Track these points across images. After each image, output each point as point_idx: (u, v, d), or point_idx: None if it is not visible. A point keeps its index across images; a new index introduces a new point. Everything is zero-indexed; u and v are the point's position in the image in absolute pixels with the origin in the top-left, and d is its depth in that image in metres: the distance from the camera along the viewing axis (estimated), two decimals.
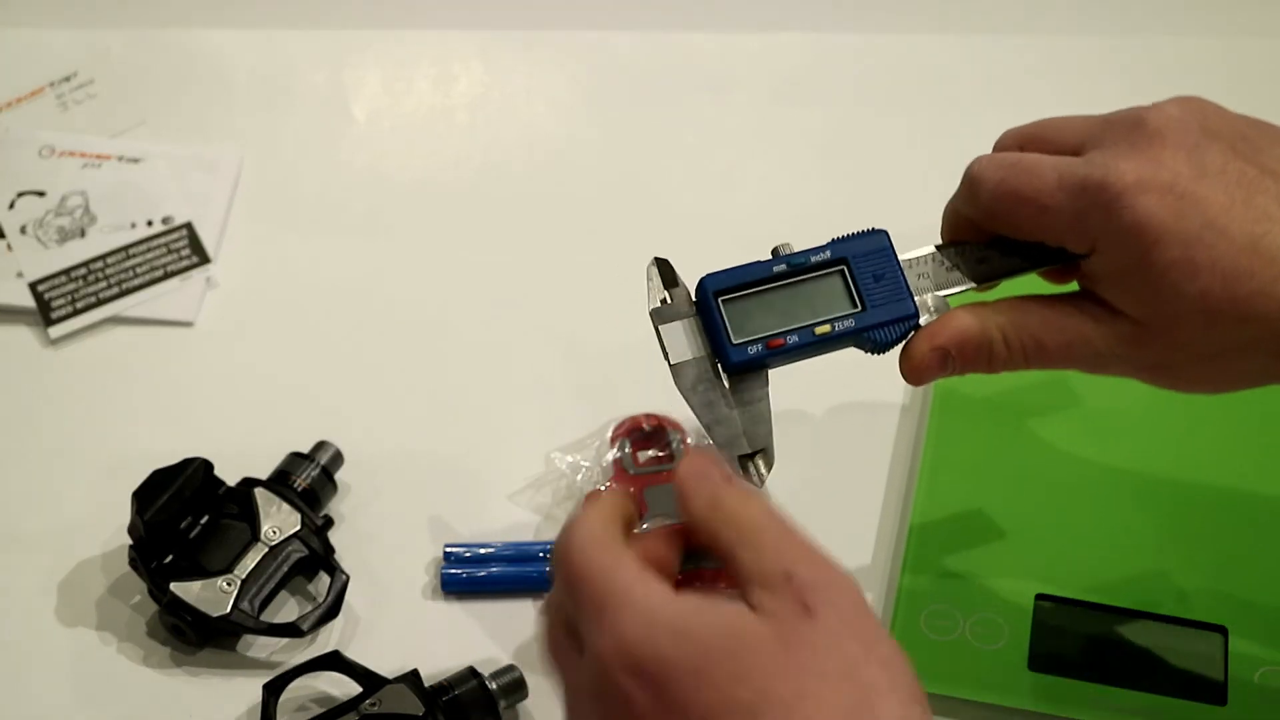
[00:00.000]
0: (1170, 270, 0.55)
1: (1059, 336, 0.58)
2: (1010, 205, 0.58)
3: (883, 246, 0.59)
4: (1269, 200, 0.55)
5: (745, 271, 0.59)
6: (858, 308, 0.59)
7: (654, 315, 0.59)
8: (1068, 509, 0.74)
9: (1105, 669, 0.68)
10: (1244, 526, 0.73)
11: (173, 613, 0.70)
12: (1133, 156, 0.55)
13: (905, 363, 0.60)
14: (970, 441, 0.76)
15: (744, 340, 0.58)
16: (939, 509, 0.74)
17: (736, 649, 0.48)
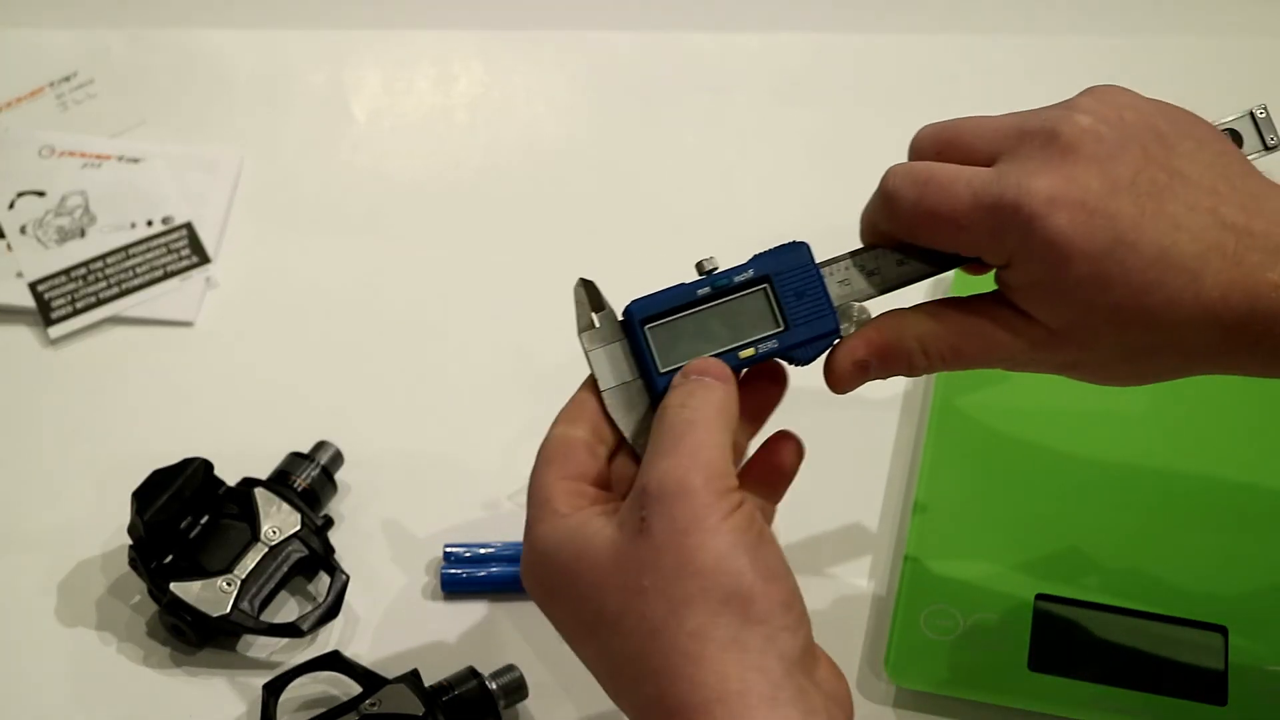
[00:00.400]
0: (1082, 285, 0.55)
1: (976, 343, 0.59)
2: (928, 224, 0.59)
3: (804, 262, 0.60)
4: (1179, 207, 0.55)
5: (670, 296, 0.59)
6: (780, 326, 0.59)
7: (583, 340, 0.60)
8: (1068, 509, 0.74)
9: (1105, 669, 0.68)
10: (1245, 526, 0.73)
11: (173, 613, 0.70)
12: (1045, 173, 0.56)
13: (828, 375, 0.61)
14: (970, 441, 0.76)
15: (671, 368, 0.59)
16: (939, 509, 0.74)
17: (581, 570, 0.54)
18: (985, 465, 0.76)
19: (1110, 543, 0.73)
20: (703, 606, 0.51)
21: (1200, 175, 0.56)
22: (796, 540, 0.75)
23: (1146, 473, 0.75)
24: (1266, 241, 0.55)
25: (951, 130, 0.60)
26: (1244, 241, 0.55)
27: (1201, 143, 0.57)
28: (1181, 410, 0.77)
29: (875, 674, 0.70)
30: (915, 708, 0.69)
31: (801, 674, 0.52)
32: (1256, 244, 0.55)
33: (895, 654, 0.69)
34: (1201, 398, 0.78)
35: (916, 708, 0.69)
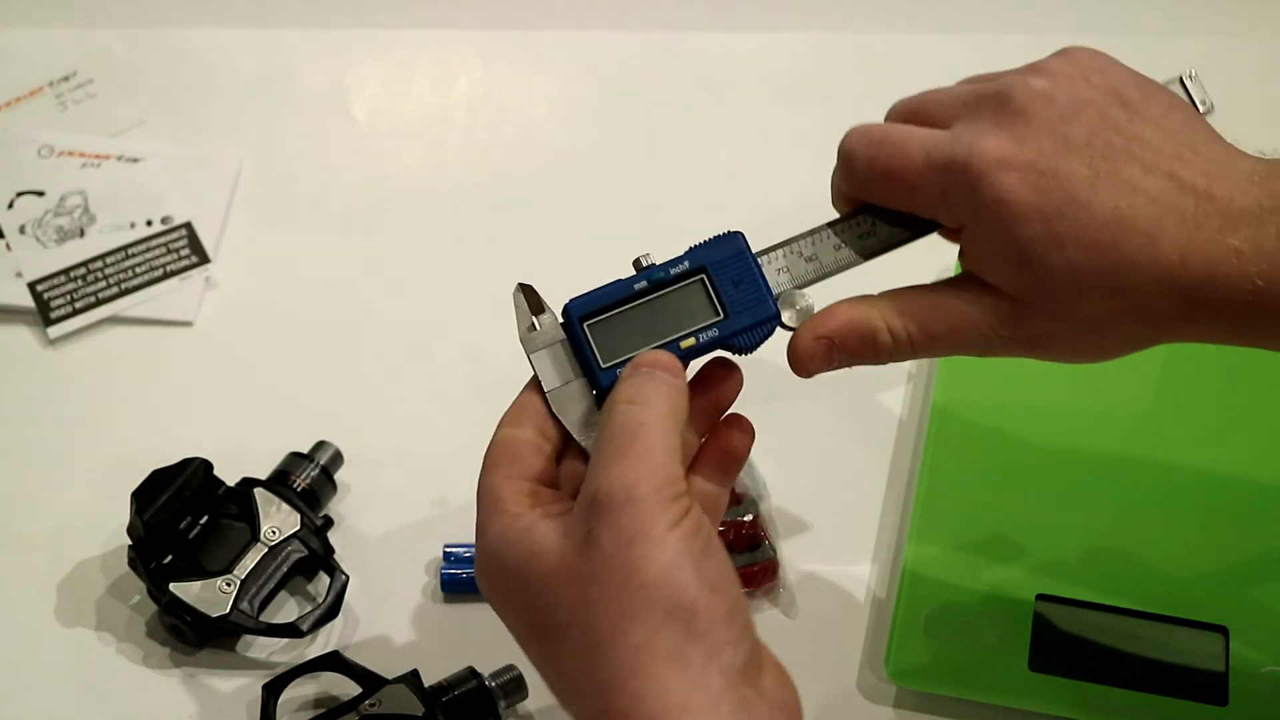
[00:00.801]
0: (1035, 245, 0.55)
1: (944, 322, 0.59)
2: (881, 183, 0.59)
3: (739, 250, 0.60)
4: (1135, 169, 0.55)
5: (608, 293, 0.60)
6: (720, 315, 0.59)
7: (524, 343, 0.60)
8: (1068, 509, 0.74)
9: (1105, 669, 0.68)
10: (1245, 526, 0.73)
11: (172, 613, 0.70)
12: (995, 134, 0.56)
13: (791, 354, 0.60)
14: (970, 441, 0.76)
15: (613, 363, 0.59)
16: (939, 509, 0.74)
17: (530, 577, 0.53)
18: (985, 466, 0.76)
19: (1110, 543, 0.73)
20: (647, 620, 0.51)
21: (1162, 141, 0.56)
22: (797, 540, 0.75)
23: (1147, 473, 0.75)
24: (1228, 206, 0.55)
25: (919, 101, 0.61)
26: (1204, 206, 0.55)
27: (1168, 110, 0.57)
28: (1182, 411, 0.77)
29: (875, 674, 0.70)
30: (915, 708, 0.69)
31: (745, 685, 0.52)
32: (1217, 209, 0.55)
33: (895, 654, 0.69)
34: (1202, 398, 0.78)
35: (916, 708, 0.69)
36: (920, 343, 0.59)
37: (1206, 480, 0.74)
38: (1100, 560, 0.72)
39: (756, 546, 0.73)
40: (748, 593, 0.73)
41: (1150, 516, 0.73)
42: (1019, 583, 0.71)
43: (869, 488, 0.77)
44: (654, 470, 0.53)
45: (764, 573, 0.72)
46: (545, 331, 0.60)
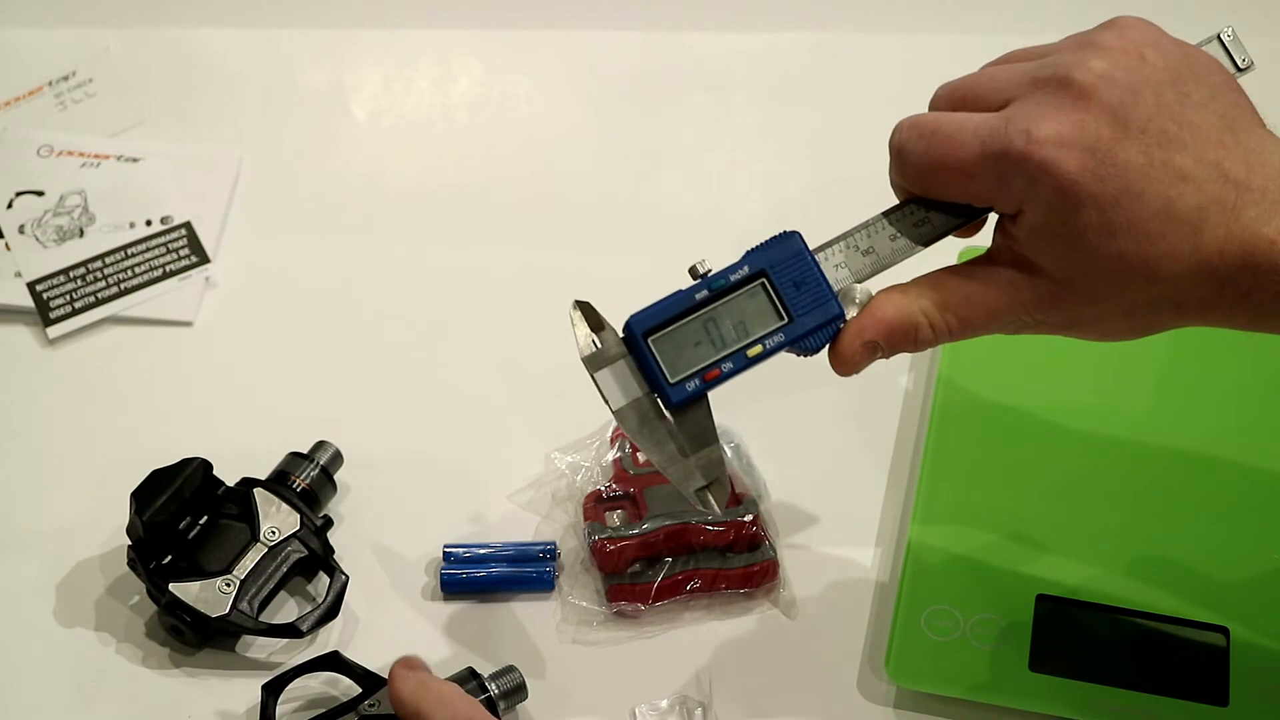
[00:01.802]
0: (1089, 232, 0.56)
1: (982, 309, 0.59)
2: (937, 176, 0.59)
3: (798, 250, 0.60)
4: (1186, 159, 0.56)
5: (669, 305, 0.59)
6: (784, 319, 0.59)
7: (587, 363, 0.59)
8: (1068, 509, 0.74)
9: (1105, 669, 0.68)
10: (1246, 527, 0.73)
11: (172, 613, 0.70)
12: (1055, 118, 0.56)
13: (834, 358, 0.61)
14: (971, 442, 0.76)
15: (681, 378, 0.58)
16: (939, 509, 0.74)
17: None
18: (986, 466, 0.76)
19: (1110, 543, 0.72)
20: None
21: (1210, 127, 0.57)
22: (797, 540, 0.75)
23: (1147, 473, 0.75)
24: (1264, 196, 0.56)
25: (967, 83, 0.61)
26: (1244, 196, 0.56)
27: (1216, 91, 0.58)
28: (1183, 411, 0.77)
29: (875, 674, 0.70)
30: (915, 708, 0.69)
31: None
32: (1254, 198, 0.56)
33: (895, 654, 0.69)
34: (1203, 398, 0.78)
35: (916, 708, 0.69)
36: (959, 330, 0.60)
37: (1207, 481, 0.74)
38: (1100, 560, 0.72)
39: (756, 546, 0.73)
40: (747, 593, 0.73)
41: (1150, 517, 0.73)
42: (1019, 583, 0.71)
43: (869, 488, 0.77)
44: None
45: (764, 573, 0.72)
46: (607, 349, 0.59)
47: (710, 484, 0.60)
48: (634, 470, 0.76)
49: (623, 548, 0.72)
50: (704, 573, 0.72)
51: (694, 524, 0.73)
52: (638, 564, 0.72)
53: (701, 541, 0.73)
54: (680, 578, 0.72)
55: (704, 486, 0.60)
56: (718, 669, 0.70)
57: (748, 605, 0.73)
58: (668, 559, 0.72)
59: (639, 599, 0.71)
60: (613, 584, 0.72)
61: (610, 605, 0.72)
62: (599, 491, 0.75)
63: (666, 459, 0.59)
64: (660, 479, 0.75)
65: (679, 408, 0.59)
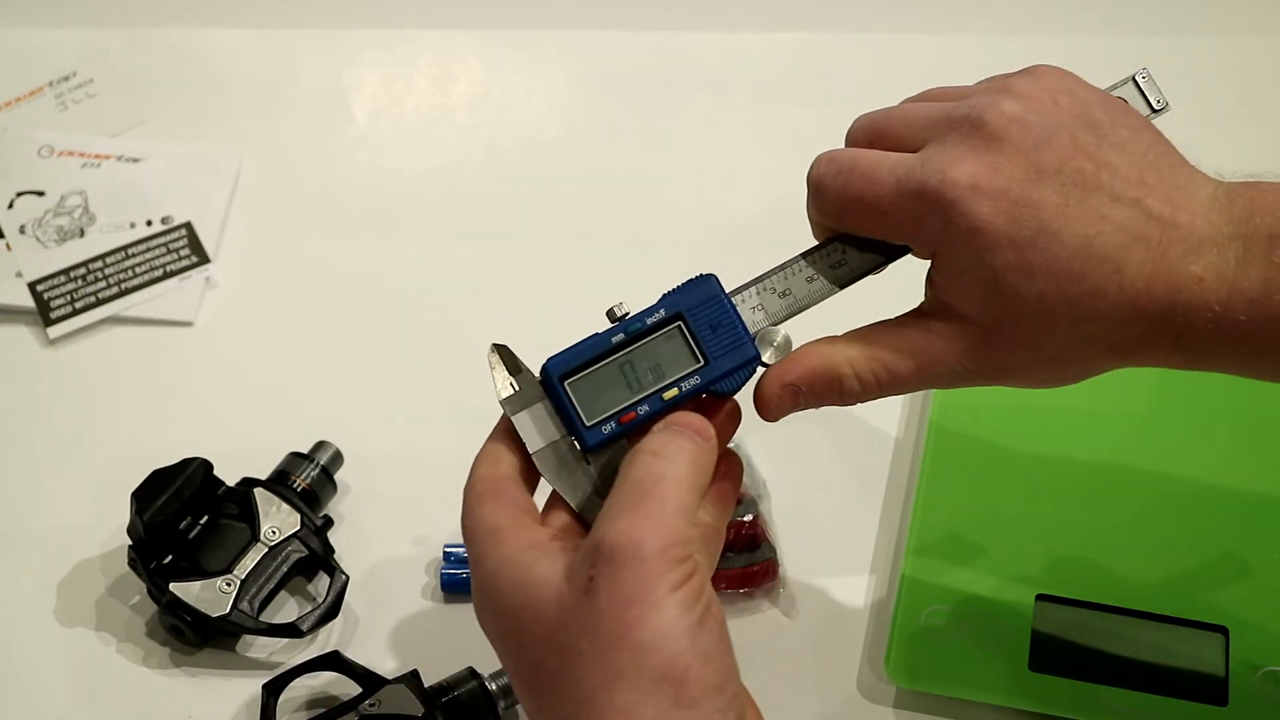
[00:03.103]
0: (1007, 273, 0.55)
1: (911, 361, 0.58)
2: (853, 212, 0.59)
3: (714, 294, 0.59)
4: (1102, 199, 0.55)
5: (585, 349, 0.59)
6: (701, 362, 0.59)
7: (505, 405, 0.59)
8: (1068, 509, 0.74)
9: (1105, 669, 0.68)
10: (1245, 527, 0.73)
11: (172, 613, 0.70)
12: (969, 160, 0.56)
13: (758, 399, 0.60)
14: (970, 442, 0.76)
15: (597, 421, 0.58)
16: (939, 510, 0.74)
17: (527, 620, 0.53)
18: (986, 466, 0.76)
19: (1110, 543, 0.73)
20: (635, 683, 0.50)
21: (1129, 166, 0.56)
22: (797, 540, 0.75)
23: (1147, 473, 0.75)
24: (1190, 233, 0.55)
25: (883, 119, 0.61)
26: (1168, 233, 0.55)
27: (1135, 132, 0.57)
28: (1182, 411, 0.77)
29: (875, 674, 0.70)
30: (915, 708, 0.69)
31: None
32: (1180, 235, 0.55)
33: (895, 654, 0.69)
34: (1202, 399, 0.78)
35: (916, 708, 0.69)
36: (887, 382, 0.59)
37: (1207, 481, 0.74)
38: (1100, 560, 0.72)
39: (756, 546, 0.73)
40: (747, 593, 0.73)
41: (1150, 517, 0.73)
42: (1019, 583, 0.71)
43: (869, 488, 0.77)
44: (664, 529, 0.52)
45: (764, 573, 0.72)
46: (524, 392, 0.59)
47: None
48: None
49: None
50: None
51: None
52: None
53: None
54: None
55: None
56: None
57: (748, 605, 0.73)
58: None
59: None
60: None
61: None
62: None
63: (583, 502, 0.58)
64: None
65: (595, 450, 0.58)
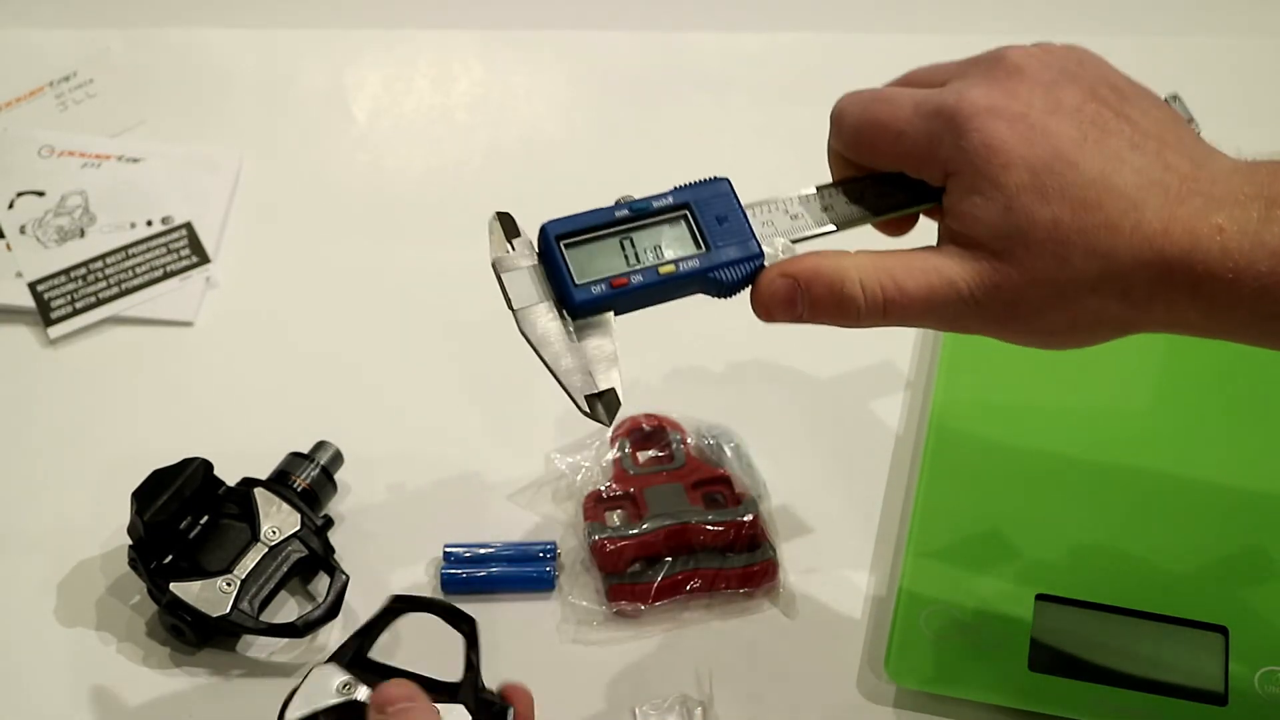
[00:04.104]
0: (1021, 194, 0.55)
1: (920, 279, 0.57)
2: (870, 133, 0.59)
3: (725, 192, 0.59)
4: (1121, 144, 0.55)
5: (588, 217, 0.58)
6: (702, 249, 0.58)
7: (496, 265, 0.58)
8: (1068, 509, 0.74)
9: (1105, 669, 0.68)
10: (1245, 527, 0.73)
11: (172, 613, 0.70)
12: (987, 85, 0.56)
13: (755, 294, 0.59)
14: (970, 442, 0.76)
15: (587, 281, 0.57)
16: (940, 509, 0.74)
17: None
18: (985, 466, 0.76)
19: (1110, 543, 0.73)
20: None
21: (1149, 123, 0.56)
22: (797, 540, 0.75)
23: (1147, 473, 0.75)
24: (1211, 188, 0.55)
25: (908, 74, 0.62)
26: (1188, 185, 0.55)
27: (1152, 106, 0.58)
28: (1182, 411, 0.77)
29: (875, 674, 0.70)
30: (915, 708, 0.69)
31: None
32: (1201, 188, 0.55)
33: (895, 654, 0.69)
34: (1201, 399, 0.78)
35: (916, 708, 0.69)
36: (892, 301, 0.57)
37: (1206, 481, 0.74)
38: (1100, 560, 0.72)
39: (756, 546, 0.73)
40: (747, 593, 0.73)
41: (1150, 517, 0.73)
42: (1019, 583, 0.71)
43: (869, 487, 0.77)
44: None
45: (764, 573, 0.72)
46: (518, 255, 0.58)
47: (603, 394, 0.57)
48: (634, 470, 0.76)
49: (623, 547, 0.72)
50: (704, 572, 0.72)
51: (694, 524, 0.73)
52: (638, 564, 0.73)
53: (701, 541, 0.73)
54: (680, 577, 0.72)
55: (596, 395, 0.57)
56: (718, 669, 0.70)
57: (747, 605, 0.73)
58: (668, 559, 0.73)
59: (639, 599, 0.72)
60: (613, 584, 0.72)
61: (610, 605, 0.72)
62: (599, 491, 0.75)
63: (560, 364, 0.57)
64: (660, 479, 0.75)
65: (581, 311, 0.57)
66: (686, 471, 0.76)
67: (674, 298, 0.59)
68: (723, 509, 0.74)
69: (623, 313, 0.58)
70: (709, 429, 0.78)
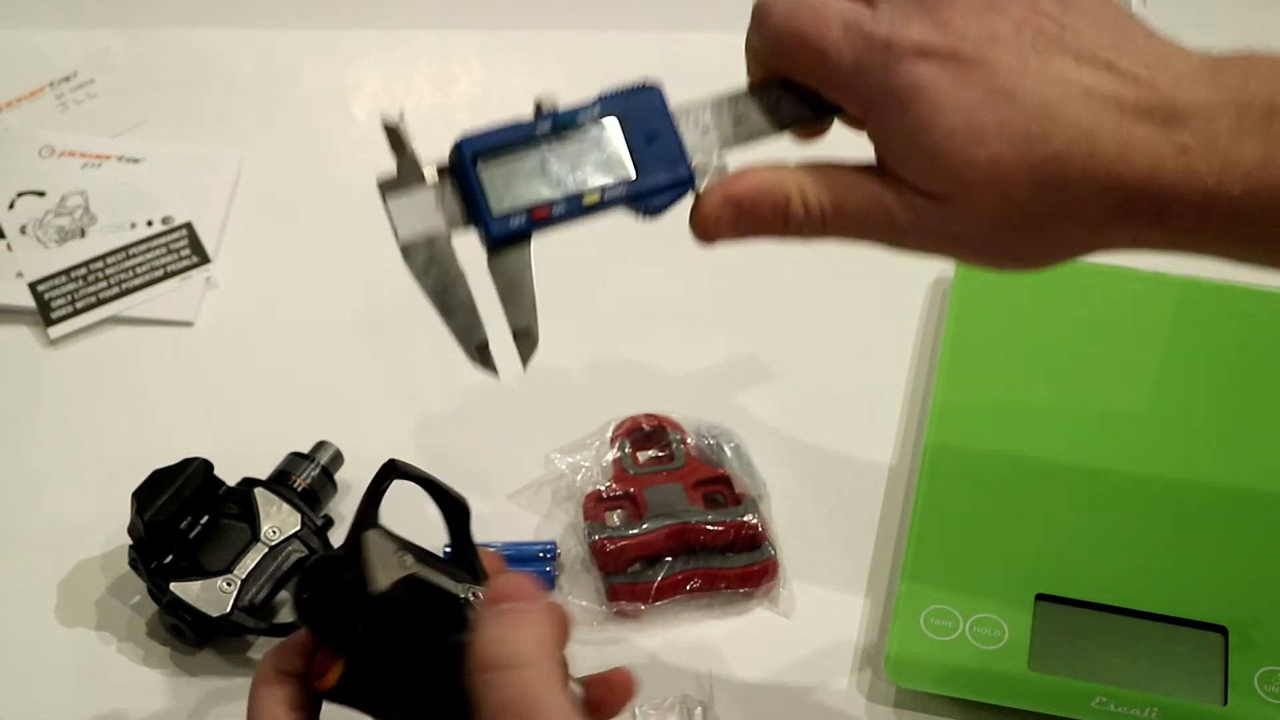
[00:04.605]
0: (953, 137, 0.51)
1: (860, 200, 0.54)
2: (791, 45, 0.54)
3: (657, 105, 0.55)
4: (1066, 63, 0.51)
5: (505, 133, 0.53)
6: (630, 173, 0.54)
7: (381, 188, 0.53)
8: (1068, 509, 0.74)
9: (1105, 669, 0.68)
10: (1244, 526, 0.73)
11: (173, 613, 0.70)
12: (920, 17, 0.51)
13: (695, 219, 0.55)
14: (971, 442, 0.76)
15: (506, 212, 0.53)
16: (940, 509, 0.74)
17: None
18: (986, 464, 0.76)
19: (1110, 543, 0.73)
20: None
21: (1097, 32, 0.51)
22: (797, 540, 0.75)
23: (1146, 473, 0.75)
24: (1173, 99, 0.50)
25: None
26: (1146, 97, 0.50)
27: (1102, 5, 0.53)
28: (1182, 410, 0.77)
29: (875, 674, 0.70)
30: (915, 708, 0.69)
31: None
32: (1161, 100, 0.50)
33: (895, 654, 0.69)
34: (1201, 398, 0.78)
35: (916, 708, 0.69)
36: (832, 219, 0.55)
37: (1206, 480, 0.75)
38: (1100, 560, 0.72)
39: (756, 546, 0.73)
40: (747, 593, 0.73)
41: (1149, 517, 0.73)
42: (1019, 583, 0.71)
43: (869, 487, 0.77)
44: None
45: (764, 573, 0.72)
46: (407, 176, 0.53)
47: (518, 335, 0.55)
48: (634, 470, 0.76)
49: (623, 547, 0.72)
50: (704, 572, 0.72)
51: (694, 524, 0.73)
52: (638, 564, 0.73)
53: (701, 541, 0.73)
54: (680, 577, 0.72)
55: (484, 344, 0.54)
56: (718, 669, 0.70)
57: (747, 605, 0.73)
58: (668, 559, 0.73)
59: (639, 598, 0.72)
60: (613, 584, 0.72)
61: (610, 605, 0.72)
62: (599, 491, 0.75)
63: (447, 306, 0.54)
64: (660, 479, 0.75)
65: (498, 244, 0.53)
66: (686, 471, 0.76)
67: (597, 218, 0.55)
68: (723, 509, 0.74)
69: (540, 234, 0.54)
70: (709, 429, 0.78)
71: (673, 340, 0.83)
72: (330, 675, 0.54)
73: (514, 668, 0.50)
